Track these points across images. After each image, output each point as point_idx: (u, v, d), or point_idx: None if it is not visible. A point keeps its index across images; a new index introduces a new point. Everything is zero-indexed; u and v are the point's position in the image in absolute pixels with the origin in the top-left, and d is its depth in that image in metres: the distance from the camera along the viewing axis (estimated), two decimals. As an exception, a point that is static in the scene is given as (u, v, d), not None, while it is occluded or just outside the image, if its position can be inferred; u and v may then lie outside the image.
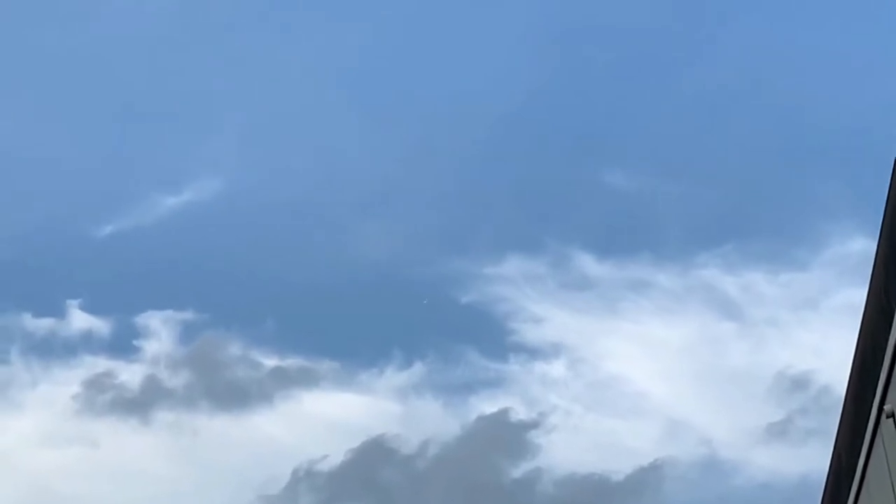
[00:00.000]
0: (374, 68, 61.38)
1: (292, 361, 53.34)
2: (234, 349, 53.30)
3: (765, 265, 55.85)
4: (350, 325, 55.32)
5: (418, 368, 53.24)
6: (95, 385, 51.57)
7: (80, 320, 54.29)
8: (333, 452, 48.20)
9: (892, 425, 18.35)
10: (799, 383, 48.89)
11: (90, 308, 54.52)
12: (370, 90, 60.77)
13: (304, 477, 47.46)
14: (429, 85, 60.90)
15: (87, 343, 54.04)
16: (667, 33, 60.67)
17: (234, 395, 51.95)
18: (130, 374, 52.62)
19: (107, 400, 51.25)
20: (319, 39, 60.68)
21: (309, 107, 60.33)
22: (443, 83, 60.59)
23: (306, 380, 52.68)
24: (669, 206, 58.03)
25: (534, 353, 53.89)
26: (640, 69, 61.08)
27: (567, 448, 49.82)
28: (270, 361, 52.85)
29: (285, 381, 52.19)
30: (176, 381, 52.00)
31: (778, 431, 47.83)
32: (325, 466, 48.10)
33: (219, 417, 51.96)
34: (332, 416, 51.99)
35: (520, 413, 50.38)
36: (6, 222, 58.28)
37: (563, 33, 60.35)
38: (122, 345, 53.94)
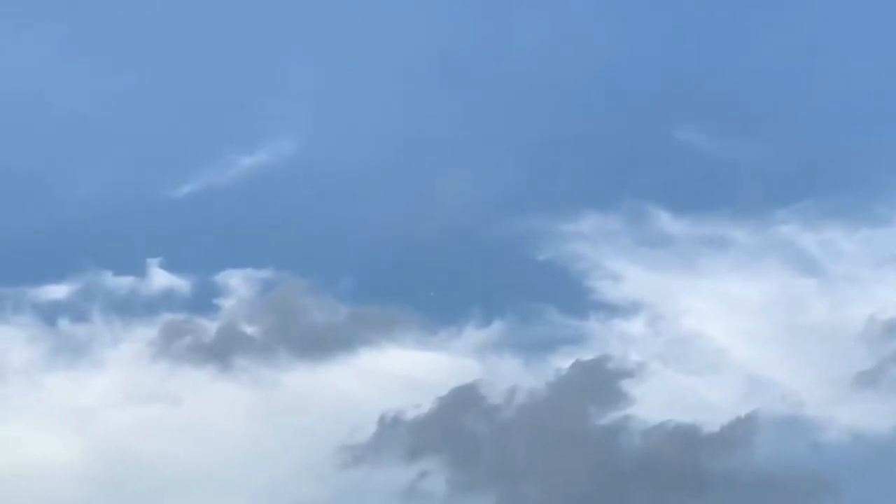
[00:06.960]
0: (451, 25, 61.51)
1: (371, 316, 53.26)
2: (314, 301, 53.28)
3: (844, 221, 55.51)
4: (428, 284, 55.20)
5: (498, 326, 53.12)
6: (174, 331, 51.80)
7: (160, 279, 54.50)
8: (423, 402, 48.30)
9: None
10: (892, 328, 48.47)
11: (170, 267, 54.75)
12: (447, 49, 60.86)
13: (392, 425, 47.52)
14: (505, 44, 60.88)
15: (167, 301, 54.24)
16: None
17: (315, 345, 51.88)
18: (210, 329, 52.76)
19: (185, 345, 51.43)
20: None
21: (385, 65, 60.50)
22: (519, 42, 60.59)
23: (386, 335, 52.62)
24: (747, 163, 57.82)
25: (613, 310, 53.71)
26: (717, 26, 60.94)
27: (651, 402, 49.61)
28: (349, 315, 52.90)
29: (364, 334, 52.19)
30: (256, 329, 52.15)
31: (868, 381, 47.44)
32: (413, 415, 48.25)
33: (299, 368, 51.91)
34: (413, 371, 51.86)
35: (616, 362, 50.22)
36: (87, 183, 58.49)
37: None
38: (203, 303, 54.11)
